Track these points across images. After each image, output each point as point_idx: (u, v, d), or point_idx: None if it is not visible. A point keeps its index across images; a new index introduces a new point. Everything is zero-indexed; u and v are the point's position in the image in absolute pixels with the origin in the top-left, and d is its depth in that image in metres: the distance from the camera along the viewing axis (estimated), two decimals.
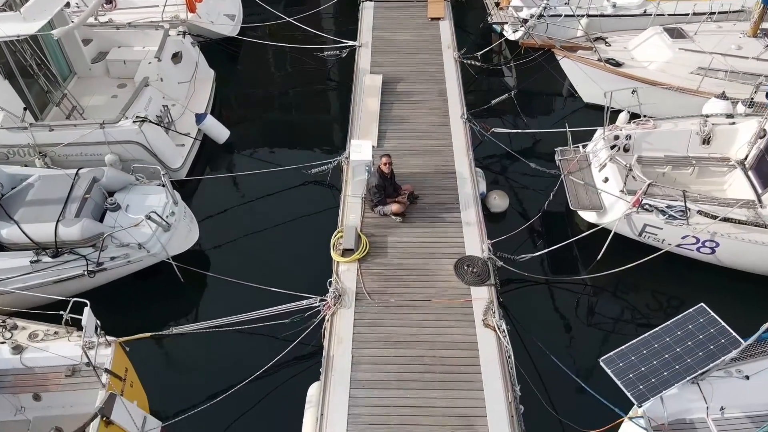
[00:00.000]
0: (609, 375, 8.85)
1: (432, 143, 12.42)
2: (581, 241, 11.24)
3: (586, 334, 9.80)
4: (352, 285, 9.52)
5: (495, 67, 16.23)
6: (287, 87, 16.19)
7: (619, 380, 6.81)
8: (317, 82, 16.12)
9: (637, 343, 7.11)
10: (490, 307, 9.03)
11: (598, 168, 11.10)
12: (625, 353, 7.03)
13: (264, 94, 15.86)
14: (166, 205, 10.27)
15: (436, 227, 10.51)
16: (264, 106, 15.45)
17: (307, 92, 15.84)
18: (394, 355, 8.47)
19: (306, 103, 15.51)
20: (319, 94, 15.85)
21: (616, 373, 6.86)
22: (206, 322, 8.71)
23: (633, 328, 9.79)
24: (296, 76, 16.43)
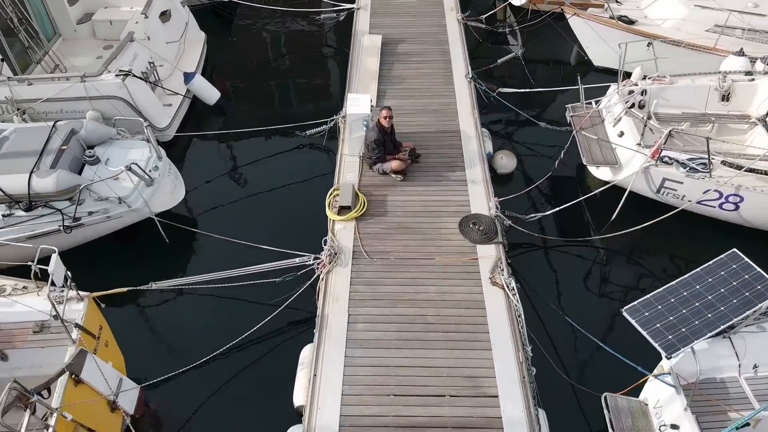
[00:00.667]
0: (628, 334, 8.19)
1: (435, 103, 11.70)
2: (594, 202, 10.57)
3: (600, 295, 9.10)
4: (348, 244, 8.81)
5: (500, 30, 15.48)
6: (282, 51, 15.45)
7: (644, 330, 6.12)
8: (314, 46, 15.39)
9: (663, 292, 6.42)
10: (497, 265, 8.33)
11: (612, 123, 10.39)
12: (650, 302, 6.33)
13: (258, 58, 15.10)
14: (149, 159, 9.57)
15: (439, 186, 9.79)
16: (258, 70, 14.69)
17: (303, 56, 15.08)
18: (394, 314, 7.77)
19: (302, 66, 14.75)
20: (315, 57, 15.09)
21: (642, 323, 6.16)
22: (189, 277, 8.00)
23: (650, 290, 9.09)
24: (292, 39, 15.68)
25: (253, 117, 12.86)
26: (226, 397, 7.78)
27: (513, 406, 6.70)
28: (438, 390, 6.88)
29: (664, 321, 6.06)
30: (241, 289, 8.42)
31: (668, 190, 9.56)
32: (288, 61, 15.11)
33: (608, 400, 6.45)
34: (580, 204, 10.55)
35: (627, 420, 6.30)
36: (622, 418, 6.31)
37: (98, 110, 10.99)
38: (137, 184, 9.13)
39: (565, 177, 11.13)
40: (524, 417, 6.59)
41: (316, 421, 6.59)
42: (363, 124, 9.94)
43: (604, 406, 6.41)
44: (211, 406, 7.71)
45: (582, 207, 10.61)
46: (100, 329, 7.36)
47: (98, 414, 6.73)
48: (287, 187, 11.11)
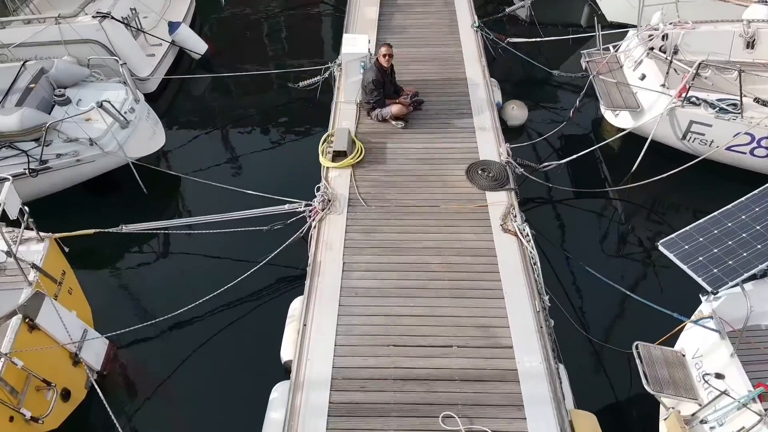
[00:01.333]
0: (654, 285, 7.49)
1: (439, 51, 10.83)
2: (611, 155, 9.80)
3: (620, 247, 8.27)
4: (343, 191, 7.96)
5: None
6: (276, 4, 14.57)
7: (685, 264, 5.30)
8: (308, 6, 14.53)
9: (704, 223, 5.60)
10: (509, 211, 7.49)
11: (632, 67, 9.54)
12: (690, 234, 5.51)
13: (251, 10, 14.24)
14: (125, 101, 8.73)
15: (444, 133, 8.93)
16: (250, 23, 13.84)
17: (298, 9, 14.26)
18: (395, 262, 6.93)
19: (296, 20, 13.93)
20: (311, 11, 14.25)
21: (681, 257, 5.35)
22: (165, 221, 7.14)
23: None
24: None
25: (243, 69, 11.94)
26: (206, 354, 6.95)
27: (530, 357, 5.87)
28: (444, 340, 6.04)
29: (707, 253, 5.24)
30: (224, 238, 7.58)
31: (695, 135, 8.72)
32: (282, 15, 14.26)
33: (640, 349, 5.63)
34: (596, 157, 9.79)
35: (662, 370, 5.48)
36: (657, 369, 5.49)
37: (74, 56, 10.15)
38: (110, 125, 8.29)
39: (580, 128, 10.32)
40: (543, 369, 5.76)
41: (305, 374, 5.75)
42: (360, 65, 9.08)
43: (636, 356, 5.59)
44: (189, 364, 6.88)
45: (598, 159, 9.81)
46: (62, 274, 6.54)
47: (57, 366, 5.91)
48: (278, 140, 10.30)
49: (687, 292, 6.87)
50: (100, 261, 7.82)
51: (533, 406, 5.48)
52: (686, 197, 9.03)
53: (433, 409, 5.43)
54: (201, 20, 13.90)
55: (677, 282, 7.59)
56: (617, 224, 8.66)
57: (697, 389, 5.44)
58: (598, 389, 6.45)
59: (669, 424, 5.26)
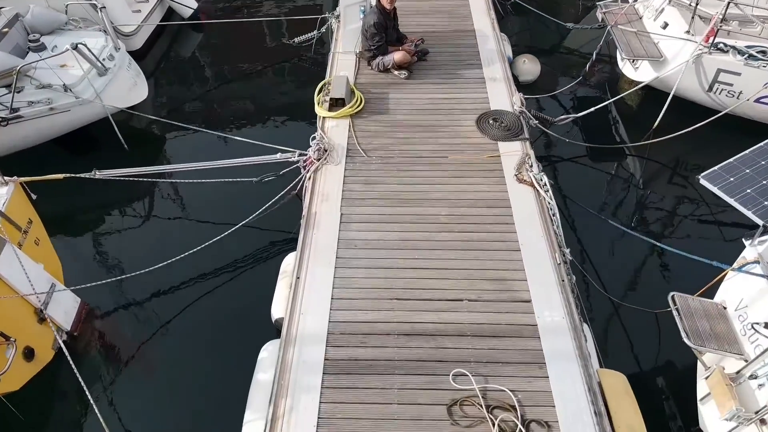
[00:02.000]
0: (683, 236, 6.82)
1: (444, 4, 10.11)
2: (629, 112, 9.11)
3: (645, 201, 7.59)
4: (341, 141, 7.27)
5: None
6: None
7: (731, 197, 4.63)
8: None
9: (749, 154, 4.94)
10: (525, 161, 6.81)
11: (653, 17, 8.84)
12: (735, 166, 4.84)
13: None
14: (104, 48, 8.04)
15: (451, 83, 8.23)
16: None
17: None
18: (399, 214, 6.24)
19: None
20: None
21: (727, 190, 4.68)
22: (143, 168, 6.44)
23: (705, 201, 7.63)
24: None
25: (236, 29, 11.33)
26: (188, 315, 6.26)
27: (551, 311, 5.19)
28: (453, 294, 5.36)
29: (756, 186, 4.58)
30: (209, 189, 6.88)
31: (722, 85, 8.01)
32: None
33: (677, 300, 4.96)
34: (614, 114, 9.10)
35: (703, 322, 4.82)
36: (696, 321, 4.82)
37: (53, 7, 9.44)
38: (87, 71, 7.61)
39: (596, 85, 9.65)
40: (566, 324, 5.09)
41: (298, 329, 5.08)
42: (360, 10, 8.39)
43: (673, 307, 4.92)
44: (169, 326, 6.20)
45: (616, 117, 9.12)
46: (29, 223, 5.86)
47: (18, 320, 5.24)
48: (272, 95, 9.62)
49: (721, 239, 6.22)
50: (72, 212, 7.16)
51: (556, 364, 4.82)
52: (711, 155, 8.19)
53: (443, 366, 4.76)
54: None
55: (709, 230, 6.99)
56: (638, 180, 7.98)
57: (742, 343, 4.79)
58: (626, 349, 5.78)
59: (712, 382, 4.59)
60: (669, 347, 5.69)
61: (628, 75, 9.00)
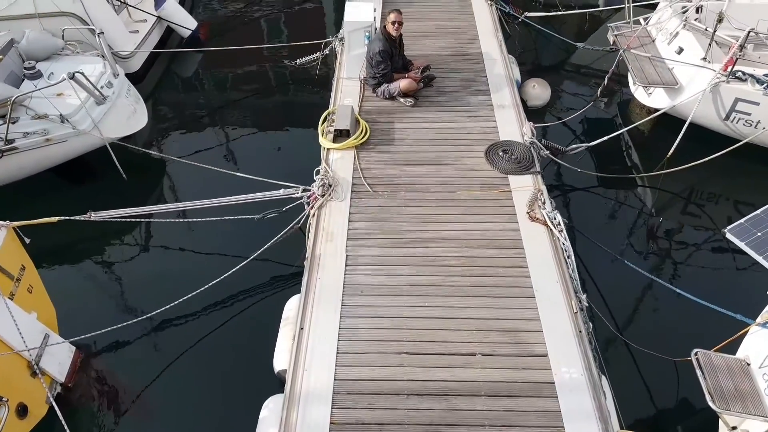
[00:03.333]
0: (706, 283, 6.56)
1: (450, 25, 9.90)
2: (641, 139, 8.86)
3: (662, 240, 7.32)
4: (346, 175, 7.03)
5: None
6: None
7: (760, 255, 4.37)
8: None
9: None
10: (537, 197, 6.56)
11: (667, 40, 8.59)
12: (762, 219, 4.58)
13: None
14: (102, 75, 7.81)
15: (459, 111, 7.99)
16: (244, 8, 12.90)
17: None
18: (406, 255, 6.00)
19: (295, 2, 13.00)
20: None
21: (755, 246, 4.42)
22: (140, 208, 6.19)
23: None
24: None
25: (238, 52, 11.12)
26: (187, 363, 5.98)
27: (568, 367, 4.94)
28: (466, 347, 5.11)
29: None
30: (209, 227, 6.64)
31: (739, 114, 7.76)
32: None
33: (700, 358, 4.70)
34: (625, 140, 8.84)
35: (726, 381, 4.56)
36: (720, 380, 4.57)
37: (49, 31, 9.18)
38: (84, 100, 7.38)
39: (608, 110, 9.40)
40: (584, 381, 4.84)
41: (302, 387, 4.82)
42: (365, 36, 8.15)
43: (696, 366, 4.66)
44: (168, 375, 5.91)
45: (628, 144, 8.87)
46: (21, 269, 5.61)
47: (11, 377, 4.99)
48: (274, 122, 9.34)
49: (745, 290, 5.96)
50: (67, 255, 6.89)
51: (575, 426, 4.55)
52: (728, 186, 8.09)
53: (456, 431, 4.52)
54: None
55: (732, 278, 6.73)
56: (653, 213, 7.73)
57: (767, 404, 4.54)
58: (645, 404, 5.52)
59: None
60: (689, 401, 5.45)
61: (641, 100, 8.75)
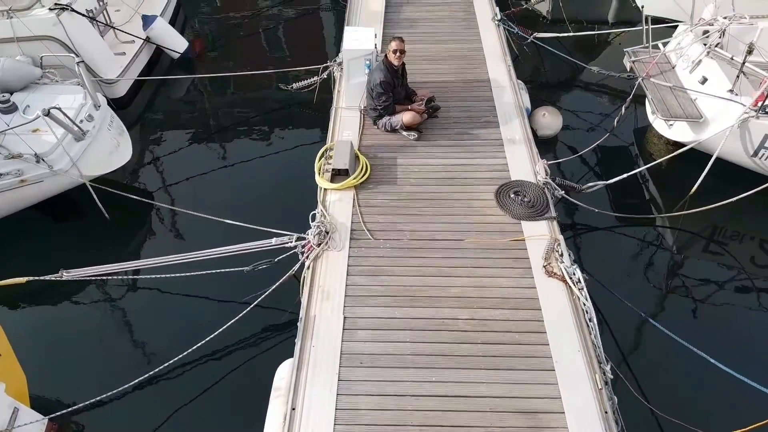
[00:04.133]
0: (742, 351, 5.98)
1: (456, 48, 9.33)
2: (660, 170, 8.25)
3: (691, 294, 6.72)
4: (345, 220, 6.46)
5: None
6: (271, 3, 13.06)
7: None
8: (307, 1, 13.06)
9: None
10: (554, 248, 5.98)
11: (688, 68, 8.02)
12: None
13: (243, 6, 12.76)
14: (81, 107, 7.24)
15: (466, 146, 7.41)
16: (242, 19, 12.35)
17: (296, 6, 12.79)
18: (410, 317, 5.41)
19: (294, 17, 12.47)
20: (311, 8, 12.77)
21: None
22: (115, 265, 5.61)
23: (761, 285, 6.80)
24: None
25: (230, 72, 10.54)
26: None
27: None
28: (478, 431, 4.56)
29: None
30: (194, 283, 6.06)
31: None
32: (278, 8, 12.76)
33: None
34: (642, 174, 8.26)
35: None
36: None
37: (29, 56, 8.65)
38: (62, 137, 6.81)
39: (621, 139, 8.81)
40: None
41: None
42: (365, 64, 7.58)
43: None
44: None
45: (645, 175, 8.31)
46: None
47: None
48: (267, 154, 8.77)
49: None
50: (39, 316, 6.31)
51: None
52: (758, 224, 7.53)
53: None
54: (185, 14, 12.45)
55: None
56: (679, 261, 7.15)
57: None
58: None
59: None
60: None
61: (660, 131, 8.19)
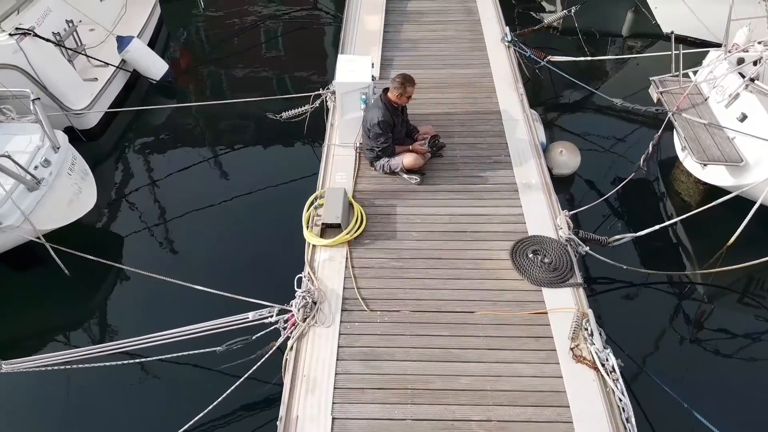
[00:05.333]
0: None
1: (462, 74, 8.44)
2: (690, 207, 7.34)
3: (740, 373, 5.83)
4: (336, 286, 5.53)
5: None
6: (265, 18, 12.19)
7: None
8: (300, 17, 12.17)
9: None
10: (581, 325, 5.08)
11: (724, 102, 7.12)
12: None
13: (233, 24, 11.90)
14: (38, 150, 6.34)
15: (475, 191, 6.51)
16: (228, 42, 11.48)
17: (290, 25, 11.94)
18: (413, 417, 4.50)
19: (288, 36, 11.61)
20: (302, 28, 11.90)
21: None
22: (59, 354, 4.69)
23: None
24: (275, 7, 12.50)
25: (214, 98, 9.68)
26: None
27: None
28: None
29: None
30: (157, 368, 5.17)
31: None
32: (270, 26, 11.90)
33: None
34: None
35: None
36: None
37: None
38: (11, 189, 5.90)
39: (647, 176, 7.91)
40: None
41: None
42: (361, 99, 6.69)
43: None
44: None
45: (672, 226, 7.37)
46: None
47: None
48: (249, 197, 7.75)
49: None
50: None
51: None
52: None
53: None
54: (168, 30, 11.56)
55: None
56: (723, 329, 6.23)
57: None
58: None
59: None
60: None
61: (691, 170, 7.26)
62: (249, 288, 5.39)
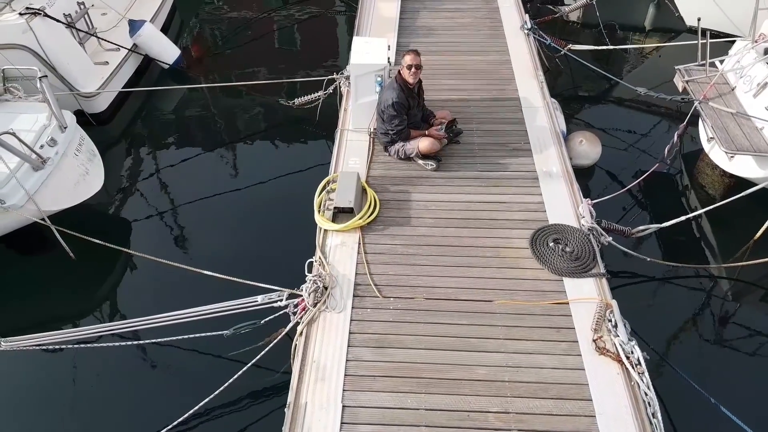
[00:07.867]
0: None
1: (480, 61, 8.22)
2: (714, 201, 7.07)
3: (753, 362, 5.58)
4: (348, 271, 5.35)
5: None
6: (275, 8, 12.01)
7: None
8: (314, 5, 11.98)
9: None
10: (605, 316, 4.85)
11: (752, 91, 6.84)
12: None
13: (245, 12, 11.74)
14: (43, 129, 6.21)
15: (493, 179, 6.29)
16: (243, 25, 11.33)
17: (303, 11, 11.75)
18: (426, 407, 4.30)
19: (301, 23, 11.43)
20: (320, 12, 11.73)
21: None
22: (63, 332, 4.55)
23: None
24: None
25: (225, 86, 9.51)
26: None
27: None
28: None
29: None
30: (161, 351, 5.00)
31: None
32: (283, 13, 11.74)
33: None
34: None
35: None
36: None
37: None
38: (16, 167, 5.76)
39: (671, 168, 7.66)
40: None
41: None
42: (376, 82, 6.49)
43: None
44: None
45: (699, 214, 7.12)
46: None
47: None
48: (260, 184, 7.59)
49: None
50: None
51: None
52: None
53: None
54: (182, 18, 11.44)
55: None
56: (750, 324, 5.97)
57: None
58: None
59: None
60: None
61: (717, 161, 7.00)
62: (258, 274, 5.19)
